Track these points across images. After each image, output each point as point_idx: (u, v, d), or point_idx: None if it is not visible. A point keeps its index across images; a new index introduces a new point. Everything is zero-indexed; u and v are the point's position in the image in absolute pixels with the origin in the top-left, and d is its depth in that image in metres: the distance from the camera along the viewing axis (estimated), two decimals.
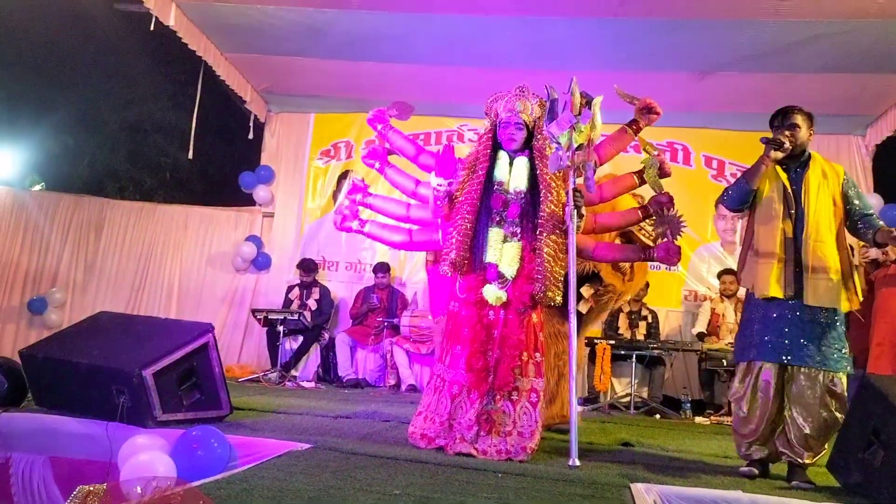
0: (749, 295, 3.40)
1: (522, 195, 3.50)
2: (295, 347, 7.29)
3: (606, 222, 3.74)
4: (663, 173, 3.66)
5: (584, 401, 6.43)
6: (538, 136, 3.55)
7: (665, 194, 3.67)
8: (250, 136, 8.44)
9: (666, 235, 3.60)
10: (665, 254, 3.59)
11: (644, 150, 3.71)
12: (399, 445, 3.41)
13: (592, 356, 6.40)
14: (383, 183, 4.47)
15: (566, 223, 3.38)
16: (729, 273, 6.69)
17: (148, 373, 3.33)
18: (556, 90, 3.37)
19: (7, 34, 8.58)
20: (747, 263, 3.38)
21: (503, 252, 3.46)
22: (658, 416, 6.15)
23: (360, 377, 7.13)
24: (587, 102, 3.32)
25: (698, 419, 6.02)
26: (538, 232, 3.44)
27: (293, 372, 7.16)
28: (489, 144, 3.60)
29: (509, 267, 3.44)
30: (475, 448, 3.32)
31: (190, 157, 7.87)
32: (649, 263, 4.27)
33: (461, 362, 3.45)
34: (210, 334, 3.68)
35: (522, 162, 3.53)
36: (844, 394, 3.19)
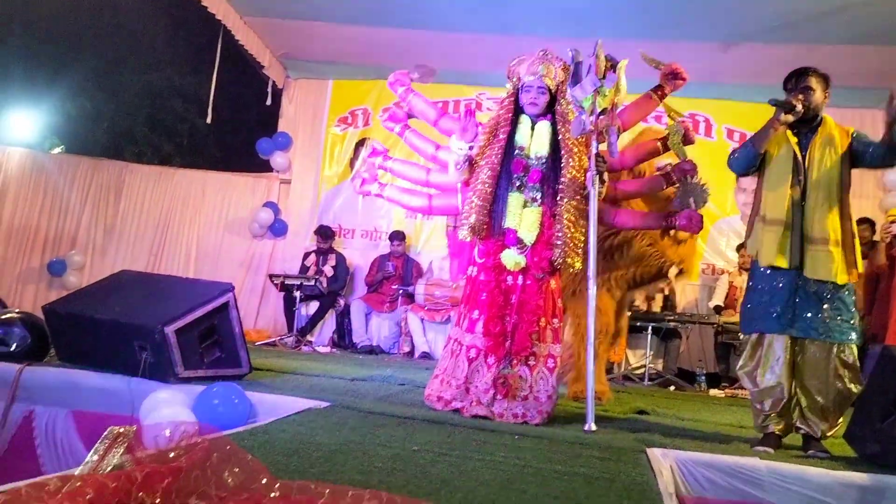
0: (754, 264, 3.29)
1: (543, 160, 3.47)
2: (311, 313, 7.36)
3: (628, 189, 3.72)
4: (688, 140, 3.62)
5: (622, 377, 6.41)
6: (561, 101, 3.51)
7: (689, 162, 3.63)
8: (268, 103, 8.43)
9: (689, 204, 3.57)
10: (687, 222, 3.57)
11: (668, 117, 3.67)
12: (416, 406, 3.43)
13: None
14: (403, 147, 4.45)
15: (587, 189, 3.36)
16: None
17: (170, 329, 3.36)
18: (581, 53, 3.33)
19: None
20: (754, 230, 3.27)
21: (523, 217, 3.45)
22: (672, 388, 6.15)
23: (375, 344, 7.18)
24: (612, 66, 3.27)
25: (713, 392, 6.02)
26: (559, 197, 3.42)
27: (309, 337, 7.23)
28: (511, 108, 3.56)
29: (529, 232, 3.43)
30: (491, 411, 3.34)
31: (208, 122, 7.88)
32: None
33: (479, 327, 3.46)
34: (230, 294, 3.71)
35: (544, 126, 3.50)
36: (857, 364, 3.13)
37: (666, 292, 6.85)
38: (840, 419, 3.20)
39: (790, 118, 3.14)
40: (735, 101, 7.66)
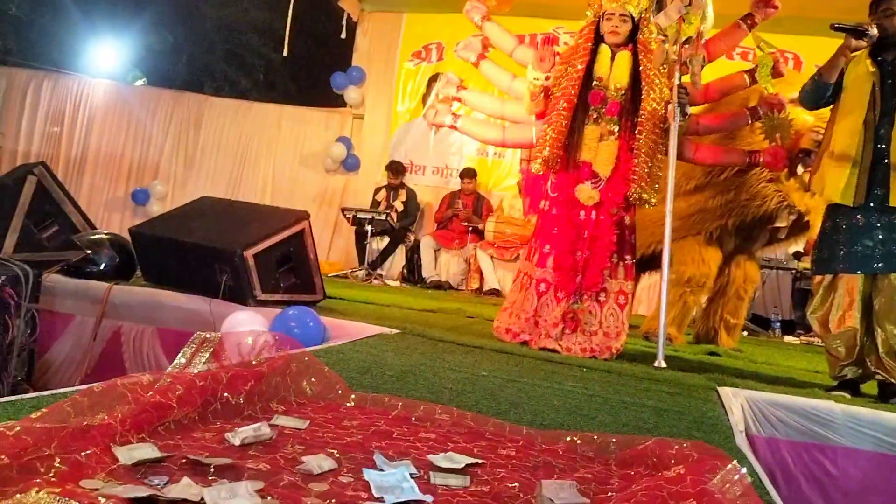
0: (831, 205, 3.11)
1: (623, 91, 3.36)
2: (381, 247, 7.46)
3: (710, 124, 3.58)
4: (777, 73, 3.43)
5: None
6: (643, 30, 3.37)
7: (776, 96, 3.46)
8: (343, 36, 8.40)
9: (775, 140, 3.42)
10: (772, 159, 3.42)
11: (758, 48, 3.48)
12: (484, 337, 3.47)
13: None
14: (478, 80, 4.39)
15: (667, 122, 3.25)
16: None
17: (249, 254, 3.47)
18: None
19: None
20: (822, 166, 3.09)
21: (599, 150, 3.37)
22: (746, 333, 6.01)
23: (443, 280, 7.26)
24: None
25: (787, 338, 5.87)
26: (637, 131, 3.32)
27: (379, 271, 7.35)
28: (591, 37, 3.45)
29: (604, 166, 3.36)
30: (559, 345, 3.35)
31: (284, 56, 7.93)
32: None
33: (549, 261, 3.44)
34: (306, 221, 3.79)
35: (625, 56, 3.38)
36: None
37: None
38: None
39: (861, 44, 2.93)
40: (827, 38, 7.19)
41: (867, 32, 2.90)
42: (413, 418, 1.65)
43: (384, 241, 7.46)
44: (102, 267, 3.90)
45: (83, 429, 1.13)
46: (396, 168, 7.74)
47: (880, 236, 2.96)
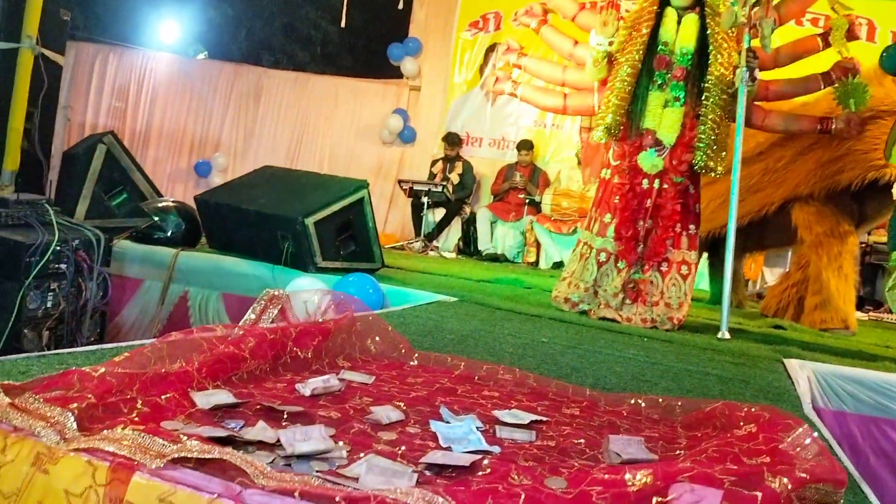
0: None
1: (689, 56, 3.27)
2: (438, 219, 7.47)
3: (781, 90, 3.45)
4: (852, 36, 3.30)
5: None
6: None
7: (850, 59, 3.32)
8: (400, 7, 8.36)
9: (849, 105, 3.28)
10: (846, 125, 3.29)
11: (832, 9, 3.34)
12: (543, 307, 3.46)
13: None
14: (538, 47, 4.33)
15: (735, 87, 3.15)
16: None
17: (310, 221, 3.52)
18: None
19: None
20: (890, 133, 2.98)
21: (663, 117, 3.30)
22: None
23: (500, 252, 7.23)
24: None
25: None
26: (703, 97, 3.23)
27: (435, 242, 7.37)
28: (656, 0, 3.36)
29: (668, 133, 3.28)
30: (619, 315, 3.32)
31: (342, 27, 7.95)
32: None
33: (610, 231, 3.40)
34: (365, 190, 3.83)
35: (692, 19, 3.28)
36: None
37: None
38: None
39: None
40: None
41: None
42: (476, 377, 1.66)
43: (440, 213, 7.47)
44: (169, 234, 4.01)
45: (162, 375, 1.17)
46: (453, 140, 7.71)
47: None
